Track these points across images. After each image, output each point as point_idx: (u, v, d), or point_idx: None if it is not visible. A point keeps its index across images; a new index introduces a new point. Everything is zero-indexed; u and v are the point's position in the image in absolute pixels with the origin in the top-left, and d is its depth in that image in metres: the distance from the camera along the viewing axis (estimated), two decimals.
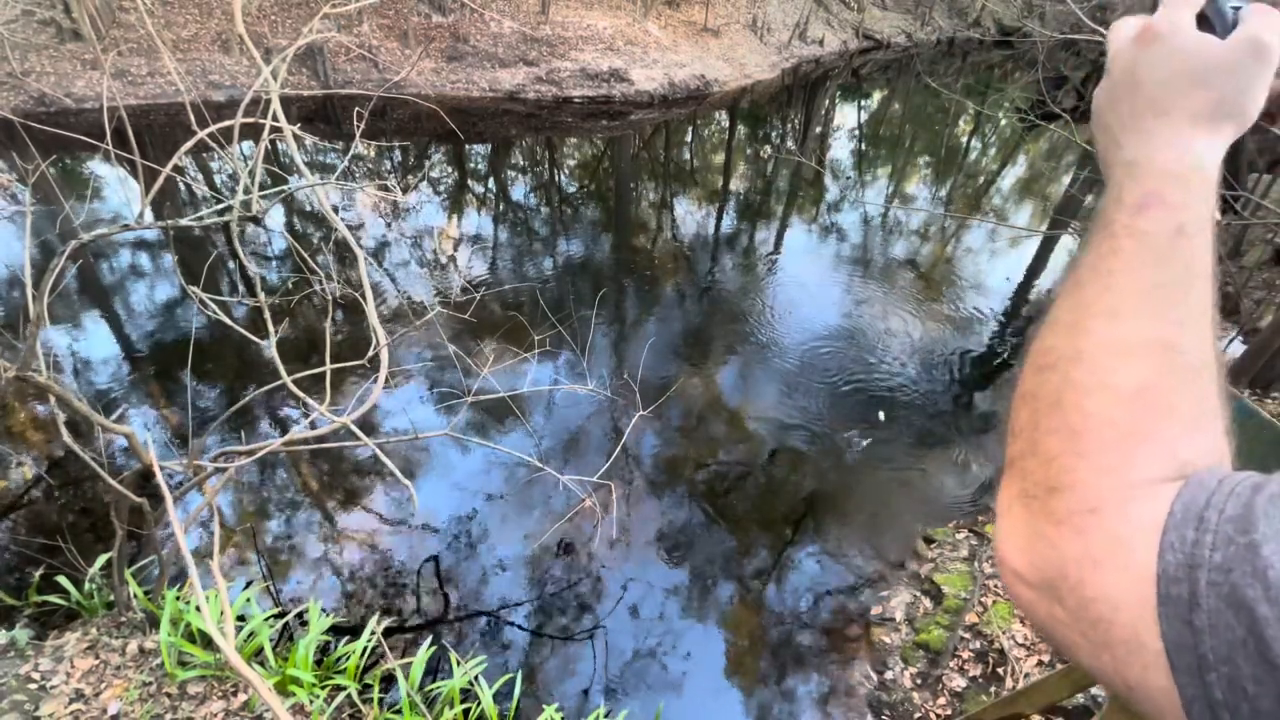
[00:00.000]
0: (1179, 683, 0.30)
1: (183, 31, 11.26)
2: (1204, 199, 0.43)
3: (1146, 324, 0.40)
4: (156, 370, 5.27)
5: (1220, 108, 0.45)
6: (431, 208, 8.84)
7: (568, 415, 5.06)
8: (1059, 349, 0.42)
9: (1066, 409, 0.40)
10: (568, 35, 13.17)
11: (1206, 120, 0.45)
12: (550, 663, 3.42)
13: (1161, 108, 0.46)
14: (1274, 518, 0.30)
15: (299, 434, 2.36)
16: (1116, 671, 0.33)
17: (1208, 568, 0.30)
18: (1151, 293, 0.40)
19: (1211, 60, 0.45)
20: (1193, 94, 0.45)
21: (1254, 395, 5.05)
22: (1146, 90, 0.47)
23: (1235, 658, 0.29)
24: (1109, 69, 0.51)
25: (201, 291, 2.47)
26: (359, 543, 3.96)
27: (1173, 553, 0.32)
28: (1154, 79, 0.47)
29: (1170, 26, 0.47)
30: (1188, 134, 0.44)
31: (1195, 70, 0.45)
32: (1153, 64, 0.47)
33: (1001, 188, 11.79)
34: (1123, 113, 0.48)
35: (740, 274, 7.57)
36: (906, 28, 21.45)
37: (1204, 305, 0.40)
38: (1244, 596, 0.29)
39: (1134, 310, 0.40)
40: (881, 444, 4.94)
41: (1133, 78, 0.48)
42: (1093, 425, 0.38)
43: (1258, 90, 0.45)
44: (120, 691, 2.65)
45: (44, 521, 3.86)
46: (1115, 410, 0.38)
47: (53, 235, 6.38)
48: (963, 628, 3.52)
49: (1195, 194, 0.43)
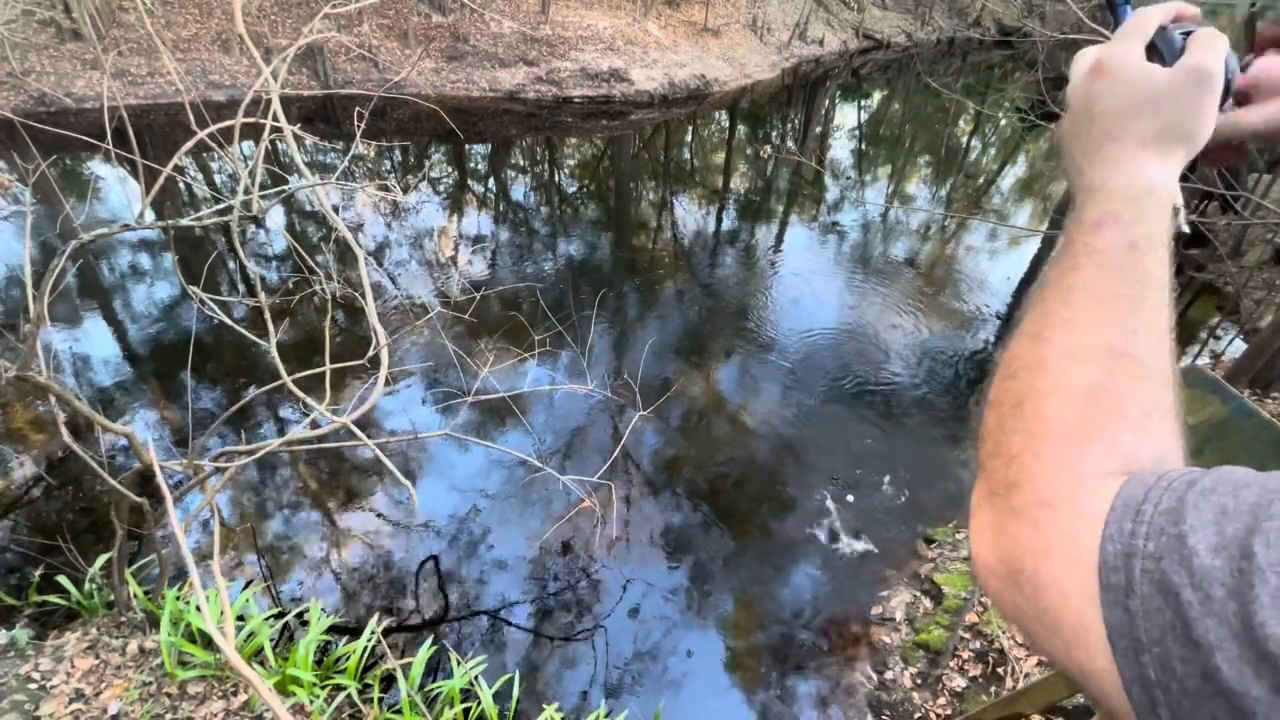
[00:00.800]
0: (1119, 664, 0.33)
1: (183, 31, 11.27)
2: (1156, 217, 0.46)
3: (1099, 332, 0.42)
4: (156, 370, 5.27)
5: (1168, 132, 0.48)
6: (432, 208, 8.84)
7: (568, 415, 5.06)
8: (1022, 358, 0.45)
9: (1026, 412, 0.43)
10: (568, 35, 13.18)
11: (1155, 144, 0.48)
12: (550, 663, 3.42)
13: (1114, 134, 0.49)
14: (1202, 510, 0.32)
15: (299, 434, 2.36)
16: (1068, 656, 0.36)
17: (1141, 556, 0.33)
18: (1105, 303, 0.43)
19: (1157, 88, 0.48)
20: (1141, 120, 0.48)
21: (1254, 395, 5.05)
22: (1100, 120, 0.50)
23: (1165, 639, 0.31)
24: (1069, 102, 0.54)
25: (202, 291, 2.47)
26: (359, 542, 3.96)
27: (1112, 543, 0.34)
28: (1106, 109, 0.50)
29: (1119, 60, 0.50)
30: (1139, 158, 0.48)
31: (1142, 99, 0.48)
32: (1105, 95, 0.50)
33: (1001, 188, 11.79)
34: (1082, 142, 0.52)
35: (740, 274, 7.57)
36: (906, 27, 21.45)
37: (1158, 315, 0.43)
38: (1171, 582, 0.31)
39: (1089, 320, 0.43)
40: (881, 444, 4.95)
41: (1088, 110, 0.51)
42: (1049, 425, 0.41)
43: (1204, 114, 0.48)
44: (120, 691, 2.65)
45: (44, 521, 3.86)
46: (1068, 410, 0.41)
47: (53, 235, 6.39)
48: (963, 627, 3.52)
49: (1148, 213, 0.46)
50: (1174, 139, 0.48)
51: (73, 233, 2.03)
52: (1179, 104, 0.47)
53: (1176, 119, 0.47)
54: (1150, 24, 0.52)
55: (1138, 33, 0.52)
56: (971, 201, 10.84)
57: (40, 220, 6.70)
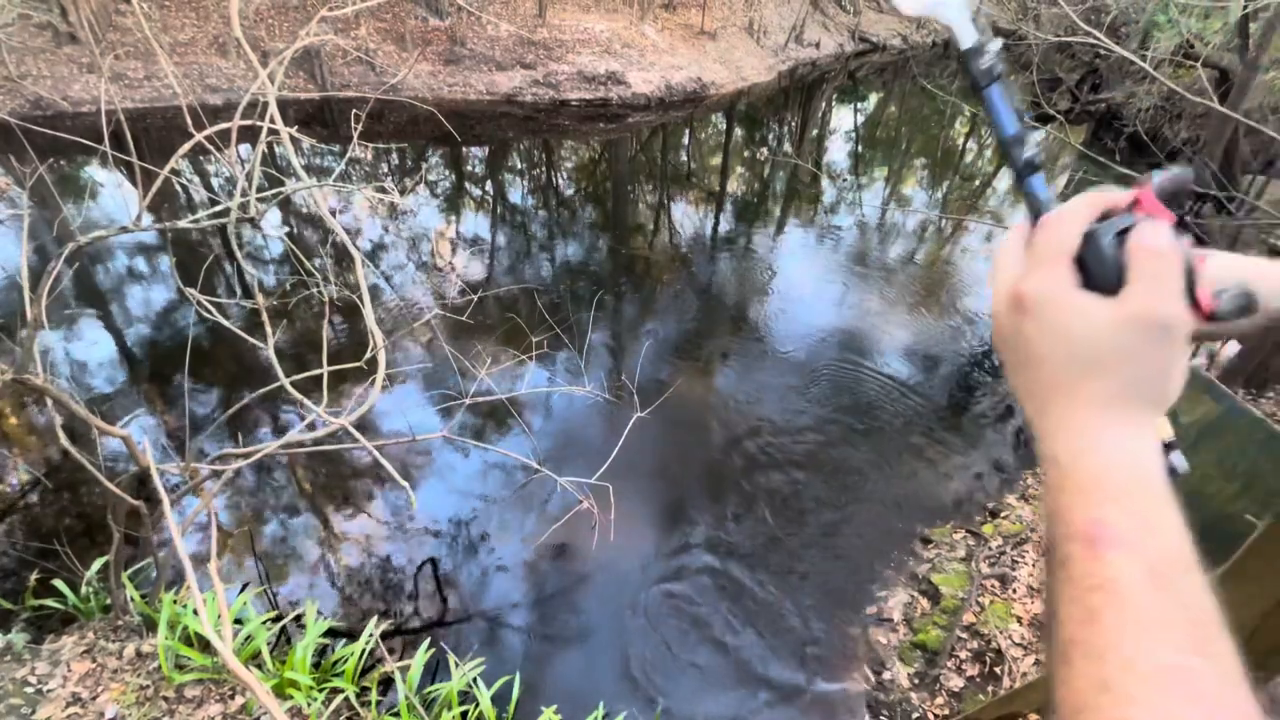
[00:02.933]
0: None
1: (180, 35, 11.26)
2: (1160, 526, 0.36)
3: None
4: (153, 373, 5.26)
5: (1130, 394, 0.39)
6: (429, 210, 8.85)
7: (565, 417, 5.06)
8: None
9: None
10: (565, 38, 13.20)
11: (1119, 408, 0.39)
12: (548, 664, 3.42)
13: (1061, 389, 0.40)
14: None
15: (297, 436, 2.36)
16: None
17: None
18: (1162, 677, 0.32)
19: (1101, 343, 0.38)
20: (1092, 380, 0.39)
21: (1248, 395, 5.08)
22: (1043, 368, 0.41)
23: None
24: (996, 335, 0.44)
25: (199, 294, 2.47)
26: (356, 545, 3.96)
27: None
28: (1044, 356, 0.40)
29: (1043, 294, 0.40)
30: (1101, 429, 0.38)
31: (1084, 355, 0.39)
32: (1038, 340, 0.41)
33: (997, 189, 11.83)
34: (1025, 386, 0.42)
35: (737, 276, 7.58)
36: (902, 30, 21.52)
37: (1224, 646, 0.33)
38: None
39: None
40: (879, 445, 4.95)
41: (1023, 351, 0.42)
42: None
43: (1170, 372, 0.39)
44: (117, 695, 2.64)
45: (41, 525, 3.85)
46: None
47: (50, 238, 6.37)
48: (960, 628, 3.53)
49: (1151, 517, 0.37)
50: (1139, 402, 0.39)
51: (70, 236, 2.03)
52: (1134, 363, 0.38)
53: (1134, 380, 0.38)
54: (1073, 233, 0.41)
55: (1060, 250, 0.40)
56: (967, 203, 10.87)
57: (37, 223, 6.68)
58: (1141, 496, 0.37)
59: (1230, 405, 1.05)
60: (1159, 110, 11.57)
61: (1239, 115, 4.92)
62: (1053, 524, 0.39)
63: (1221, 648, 0.33)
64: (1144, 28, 12.39)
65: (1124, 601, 0.34)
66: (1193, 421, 1.06)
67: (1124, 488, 0.37)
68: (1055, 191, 0.45)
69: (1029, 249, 0.43)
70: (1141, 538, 0.36)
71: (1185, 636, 0.33)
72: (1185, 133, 10.90)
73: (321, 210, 2.53)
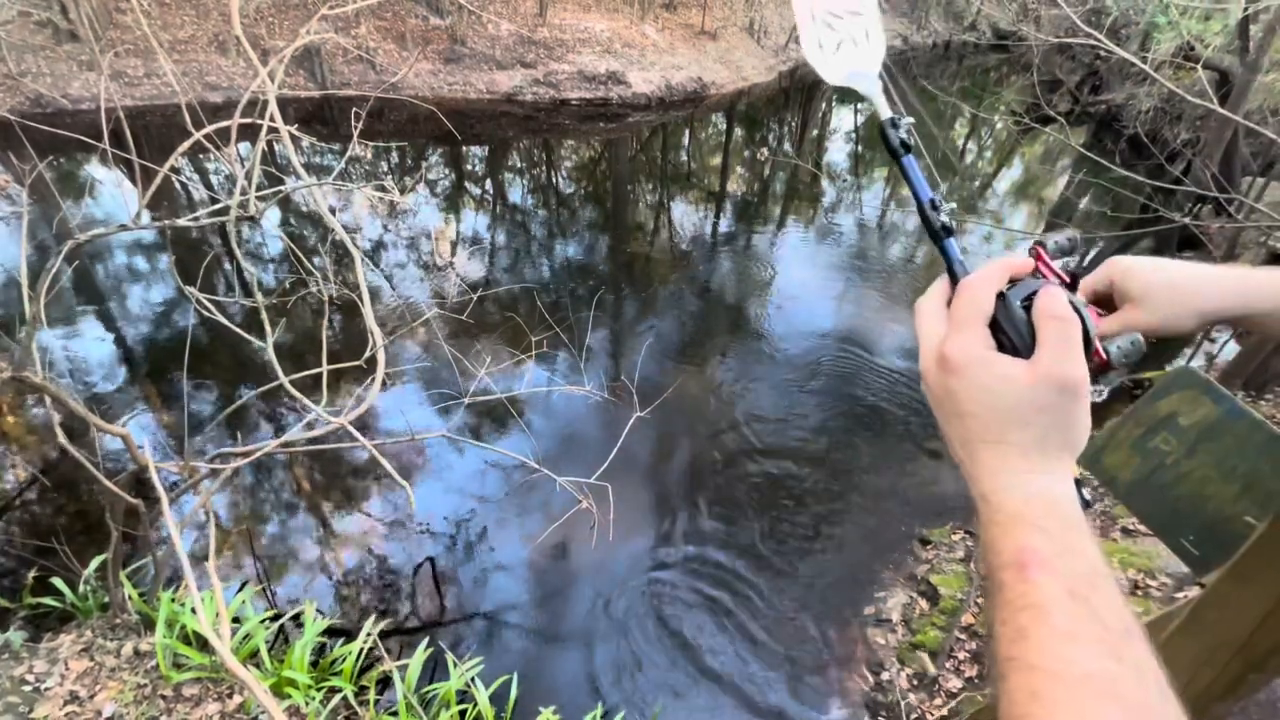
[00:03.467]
0: None
1: (179, 33, 11.25)
2: (1077, 550, 0.41)
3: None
4: (152, 371, 5.26)
5: (1047, 441, 0.44)
6: (429, 209, 8.84)
7: (565, 417, 5.06)
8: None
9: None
10: (565, 38, 13.19)
11: (1037, 453, 0.44)
12: (547, 664, 3.42)
13: (986, 439, 0.45)
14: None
15: (296, 435, 2.36)
16: None
17: None
18: (1083, 682, 0.37)
19: (1019, 401, 0.44)
20: (1013, 431, 0.44)
21: (1247, 397, 5.08)
22: (968, 421, 0.46)
23: None
24: (924, 381, 0.49)
25: (198, 292, 2.46)
26: (355, 544, 3.95)
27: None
28: (971, 412, 0.45)
29: (965, 356, 0.46)
30: (1024, 473, 0.44)
31: (1005, 410, 0.44)
32: (963, 396, 0.46)
33: (997, 190, 11.84)
34: (955, 434, 0.47)
35: (737, 275, 7.58)
36: (902, 31, 21.52)
37: (1142, 650, 0.38)
38: None
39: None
40: (878, 445, 4.95)
41: (951, 406, 0.47)
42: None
43: (1079, 421, 0.44)
44: (115, 693, 2.64)
45: (39, 523, 3.85)
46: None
47: (49, 236, 6.36)
48: (959, 628, 3.53)
49: (1070, 544, 0.41)
50: (1055, 448, 0.44)
51: (69, 233, 2.03)
52: (1049, 417, 0.43)
53: (1049, 430, 0.44)
54: (986, 300, 0.47)
55: (976, 316, 0.46)
56: (967, 204, 10.87)
57: (37, 221, 6.67)
58: (1060, 525, 0.42)
59: (1230, 407, 1.05)
60: (1159, 112, 11.58)
61: (1239, 117, 4.92)
62: (988, 555, 0.44)
63: (1135, 651, 0.38)
64: (1144, 29, 12.39)
65: (1048, 618, 0.39)
66: (1192, 423, 1.06)
67: (1045, 518, 0.42)
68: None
69: (950, 310, 0.49)
70: (1061, 560, 0.41)
71: (1102, 645, 0.38)
72: (1185, 134, 10.91)
73: (321, 209, 2.53)
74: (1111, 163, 6.55)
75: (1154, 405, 1.09)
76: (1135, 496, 1.13)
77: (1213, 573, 1.12)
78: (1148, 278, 0.59)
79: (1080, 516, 0.43)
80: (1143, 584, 3.51)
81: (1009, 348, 0.46)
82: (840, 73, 0.58)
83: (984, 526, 0.45)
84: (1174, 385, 1.07)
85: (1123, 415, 1.14)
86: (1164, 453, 1.08)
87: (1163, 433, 1.08)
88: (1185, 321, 0.58)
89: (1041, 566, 0.41)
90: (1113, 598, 0.40)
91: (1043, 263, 0.51)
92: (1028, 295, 0.46)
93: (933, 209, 0.52)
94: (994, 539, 0.43)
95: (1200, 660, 1.16)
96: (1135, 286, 0.59)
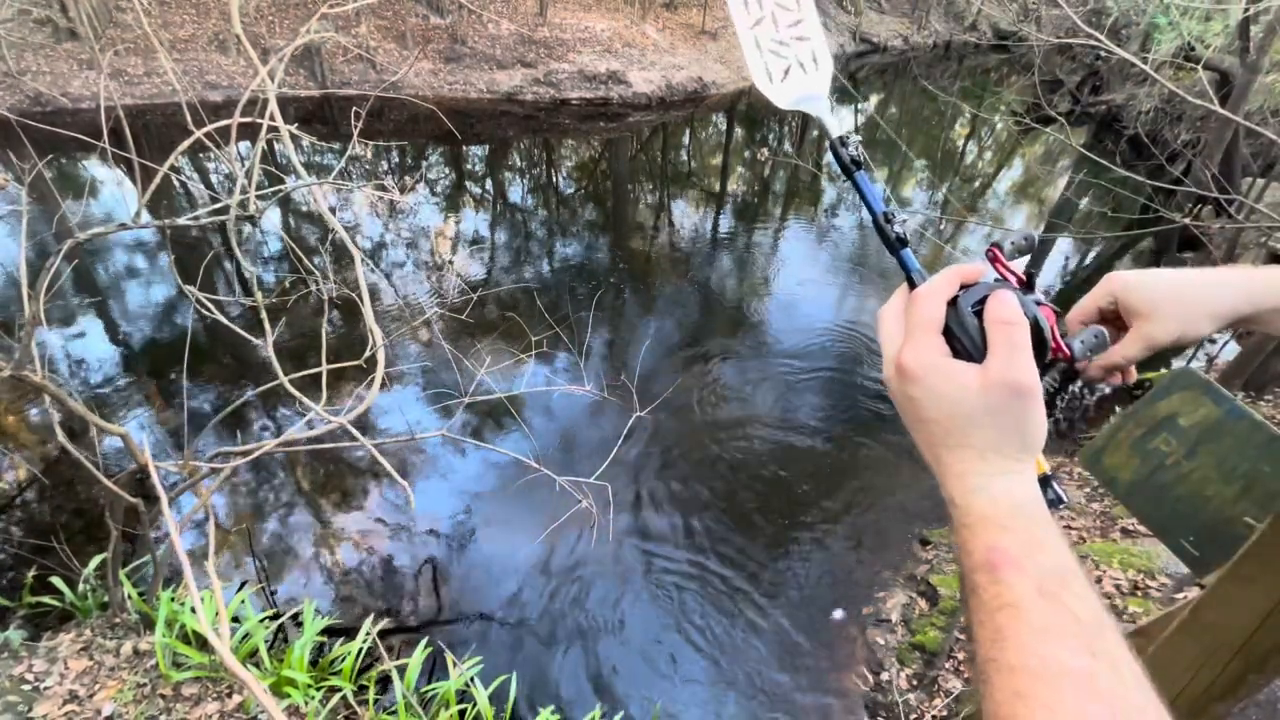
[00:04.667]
0: None
1: (180, 31, 11.24)
2: (1045, 546, 0.42)
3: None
4: (152, 370, 5.25)
5: (1004, 443, 0.45)
6: (429, 208, 8.84)
7: (565, 417, 5.06)
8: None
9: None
10: (565, 37, 13.19)
11: (997, 456, 0.45)
12: (547, 663, 3.42)
13: (950, 443, 0.46)
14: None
15: (295, 434, 2.36)
16: None
17: None
18: (1063, 679, 0.37)
19: (973, 406, 0.45)
20: (972, 434, 0.45)
21: (1247, 398, 5.08)
22: (929, 426, 0.47)
23: None
24: (888, 389, 0.51)
25: (198, 291, 2.46)
26: (355, 544, 3.95)
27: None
28: (931, 417, 0.47)
29: (921, 365, 0.47)
30: (986, 475, 0.45)
31: (961, 415, 0.45)
32: (922, 402, 0.47)
33: (998, 190, 11.84)
34: (920, 438, 0.49)
35: (737, 275, 7.58)
36: (903, 31, 21.53)
37: (1118, 647, 0.38)
38: None
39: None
40: (878, 445, 4.95)
41: (912, 413, 0.48)
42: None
43: (1033, 421, 0.45)
44: (114, 693, 2.64)
45: (38, 522, 3.85)
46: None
47: (49, 235, 6.36)
48: (958, 629, 3.53)
49: (1037, 540, 0.42)
50: (1013, 449, 0.45)
51: (68, 232, 2.03)
52: (1004, 419, 0.44)
53: (1006, 431, 0.45)
54: (936, 308, 0.48)
55: (928, 324, 0.48)
56: (968, 204, 10.87)
57: (36, 220, 6.67)
58: (1025, 523, 0.43)
59: (1230, 408, 1.05)
60: (1159, 112, 11.58)
61: (1239, 118, 4.91)
62: (961, 558, 0.45)
63: (1109, 643, 0.38)
64: (1145, 30, 12.39)
65: (1023, 616, 0.40)
66: (1192, 424, 1.06)
67: (1010, 518, 0.43)
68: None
69: (906, 319, 0.50)
70: (1029, 557, 0.41)
71: (1076, 640, 0.38)
72: (1185, 135, 10.91)
73: (321, 208, 2.52)
74: (1112, 163, 6.55)
75: (1154, 406, 1.09)
76: (1135, 497, 1.13)
77: (1213, 573, 1.12)
78: (1150, 292, 0.59)
79: (1046, 514, 0.44)
80: (1143, 584, 3.51)
81: (964, 353, 0.47)
82: (790, 97, 0.61)
83: (955, 530, 0.46)
84: (1174, 386, 1.07)
85: (1123, 416, 1.14)
86: (1164, 453, 1.08)
87: (1163, 433, 1.08)
88: (1201, 327, 0.58)
89: (1011, 566, 0.41)
90: (1084, 591, 0.40)
91: (1000, 264, 0.51)
92: (979, 300, 0.47)
93: (886, 221, 0.54)
94: (964, 541, 0.45)
95: (1200, 660, 1.16)
96: (1139, 302, 0.59)
